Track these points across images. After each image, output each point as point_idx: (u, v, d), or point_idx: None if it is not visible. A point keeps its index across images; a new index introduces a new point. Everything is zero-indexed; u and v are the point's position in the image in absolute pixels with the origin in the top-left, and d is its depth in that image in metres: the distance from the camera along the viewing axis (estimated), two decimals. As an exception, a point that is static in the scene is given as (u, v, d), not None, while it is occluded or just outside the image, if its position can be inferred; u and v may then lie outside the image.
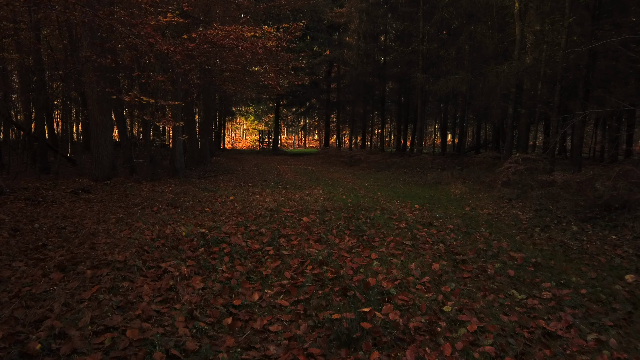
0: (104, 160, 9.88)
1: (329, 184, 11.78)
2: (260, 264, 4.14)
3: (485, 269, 4.13)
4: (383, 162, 18.99)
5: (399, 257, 4.39)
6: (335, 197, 8.73)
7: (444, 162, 18.16)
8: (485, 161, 14.01)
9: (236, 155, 26.86)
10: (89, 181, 9.77)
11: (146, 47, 5.74)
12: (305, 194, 9.22)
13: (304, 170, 17.00)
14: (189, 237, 4.84)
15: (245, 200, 8.19)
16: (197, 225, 5.57)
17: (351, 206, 7.37)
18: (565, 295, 3.46)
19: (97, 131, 9.74)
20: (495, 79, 11.08)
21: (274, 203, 7.74)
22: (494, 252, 4.67)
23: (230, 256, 4.31)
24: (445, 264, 4.25)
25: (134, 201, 7.70)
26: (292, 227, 5.71)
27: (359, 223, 5.84)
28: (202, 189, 9.41)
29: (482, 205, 8.16)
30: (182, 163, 11.72)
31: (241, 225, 5.66)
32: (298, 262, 4.18)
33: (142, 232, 5.02)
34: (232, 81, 12.70)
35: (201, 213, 6.59)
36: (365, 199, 8.60)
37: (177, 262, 4.00)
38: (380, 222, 5.99)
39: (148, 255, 4.12)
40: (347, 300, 3.22)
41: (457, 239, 5.28)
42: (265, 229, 5.45)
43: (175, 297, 3.21)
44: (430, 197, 9.40)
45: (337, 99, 30.15)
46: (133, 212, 6.55)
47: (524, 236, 5.74)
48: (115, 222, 5.67)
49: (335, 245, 4.77)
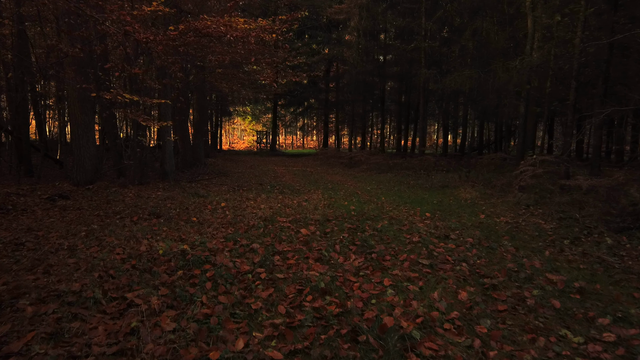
0: (86, 163, 9.12)
1: (329, 188, 11.05)
2: (250, 292, 3.41)
3: (522, 297, 3.41)
4: (384, 163, 18.27)
5: (416, 282, 3.66)
6: (336, 204, 8.00)
7: (448, 164, 17.44)
8: (492, 163, 13.30)
9: (233, 156, 26.10)
10: (69, 186, 9.01)
11: (121, 37, 5.01)
12: (303, 200, 8.49)
13: (303, 173, 16.26)
14: (166, 255, 4.10)
15: (238, 207, 7.45)
16: (179, 239, 4.83)
17: (355, 214, 6.64)
18: (633, 338, 2.74)
19: (78, 131, 8.98)
20: (506, 76, 10.37)
21: (269, 210, 7.01)
22: (528, 274, 3.95)
23: (214, 281, 3.58)
24: (473, 290, 3.52)
25: (115, 209, 6.95)
26: (288, 241, 4.98)
27: (366, 236, 5.11)
28: (192, 194, 8.67)
29: (497, 212, 7.44)
30: (172, 166, 10.98)
31: (230, 239, 4.92)
32: (295, 289, 3.45)
33: (113, 250, 4.28)
34: (226, 79, 11.95)
35: (186, 223, 5.85)
36: (370, 205, 7.87)
37: (147, 291, 3.26)
38: (390, 235, 5.26)
39: (112, 283, 3.38)
40: (359, 350, 2.48)
41: (481, 255, 4.55)
42: (257, 244, 4.71)
43: (135, 346, 2.47)
44: (438, 202, 8.67)
45: (336, 99, 29.43)
46: (110, 222, 5.80)
47: (554, 250, 5.02)
48: (85, 237, 4.92)
49: (340, 266, 4.04)
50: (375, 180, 13.56)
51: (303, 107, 33.84)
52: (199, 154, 16.21)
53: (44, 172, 12.32)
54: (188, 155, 15.00)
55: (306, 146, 46.27)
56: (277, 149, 34.87)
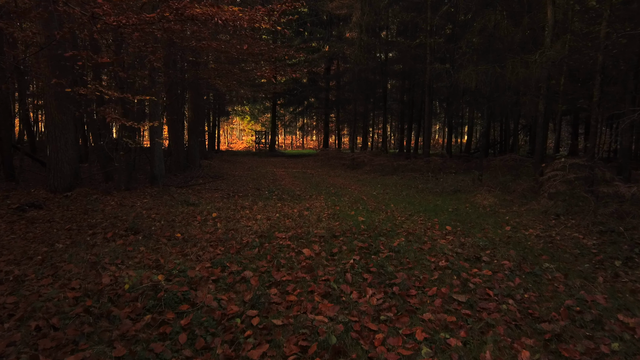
0: (64, 168, 8.25)
1: (331, 193, 10.19)
2: (237, 350, 2.55)
3: (600, 355, 2.55)
4: (388, 165, 17.41)
5: (457, 332, 2.80)
6: (342, 213, 7.14)
7: (456, 166, 16.59)
8: (505, 165, 12.43)
9: (231, 157, 25.22)
10: (45, 193, 8.14)
11: (88, 19, 4.14)
12: (305, 208, 7.64)
13: (303, 175, 15.40)
14: (134, 291, 3.24)
15: (231, 218, 6.59)
16: (155, 266, 3.96)
17: (365, 228, 5.77)
18: None
19: (54, 132, 8.11)
20: (525, 71, 9.51)
21: (266, 223, 6.15)
22: (594, 315, 3.09)
23: (190, 332, 2.72)
24: (532, 344, 2.67)
25: (91, 221, 6.09)
26: (288, 266, 4.11)
27: (382, 260, 4.24)
28: (181, 202, 7.80)
29: (524, 223, 6.58)
30: (162, 169, 10.11)
31: (218, 264, 4.05)
32: (298, 346, 2.59)
33: (67, 284, 3.41)
34: (221, 75, 11.08)
35: (169, 241, 4.99)
36: (379, 215, 7.01)
37: (97, 350, 2.40)
38: (410, 257, 4.40)
39: (52, 338, 2.52)
40: None
41: (526, 287, 3.69)
42: (250, 271, 3.85)
43: None
44: (454, 210, 7.81)
45: (337, 98, 28.56)
46: (79, 240, 4.93)
47: (606, 275, 4.16)
48: (41, 262, 4.05)
49: (354, 305, 3.18)
50: (381, 183, 12.69)
51: (303, 106, 32.95)
52: (194, 156, 15.34)
53: (29, 175, 11.45)
54: (181, 157, 14.13)
55: (306, 146, 45.42)
56: (277, 150, 33.99)
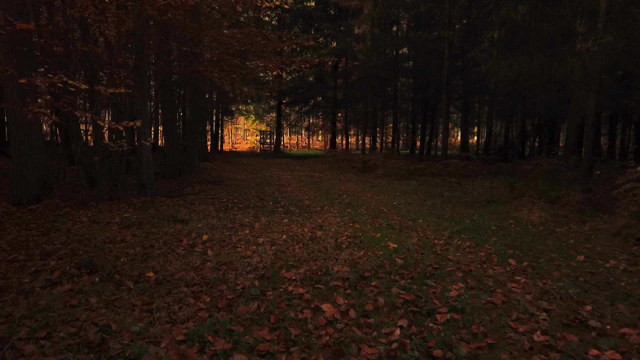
0: (29, 176, 6.91)
1: (345, 203, 8.79)
2: None
3: None
4: (403, 168, 15.95)
5: None
6: (364, 235, 5.72)
7: (479, 169, 15.09)
8: (542, 170, 10.92)
9: (234, 158, 23.89)
10: (7, 205, 6.79)
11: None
12: (317, 225, 6.24)
13: (311, 179, 14.01)
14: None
15: (226, 242, 5.21)
16: (95, 344, 2.57)
17: (402, 264, 4.35)
18: None
19: (18, 134, 6.78)
20: (575, 62, 8.05)
21: (270, 251, 4.76)
22: None
23: None
24: None
25: (47, 247, 4.74)
26: (301, 343, 2.71)
27: (443, 330, 2.82)
28: (167, 218, 6.42)
29: (597, 250, 5.13)
30: (149, 176, 8.75)
31: (194, 337, 2.65)
32: None
33: None
34: (218, 68, 9.71)
35: (135, 285, 3.60)
36: (411, 238, 5.59)
37: None
38: (485, 324, 2.96)
39: None
40: None
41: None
42: (244, 355, 2.46)
43: None
44: (499, 229, 6.38)
45: (345, 96, 27.14)
46: (14, 283, 3.57)
47: None
48: None
49: None
50: (399, 190, 11.27)
51: (309, 105, 31.56)
52: (192, 158, 14.01)
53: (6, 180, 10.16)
54: (177, 160, 12.80)
55: (312, 147, 44.03)
56: (282, 150, 32.65)
